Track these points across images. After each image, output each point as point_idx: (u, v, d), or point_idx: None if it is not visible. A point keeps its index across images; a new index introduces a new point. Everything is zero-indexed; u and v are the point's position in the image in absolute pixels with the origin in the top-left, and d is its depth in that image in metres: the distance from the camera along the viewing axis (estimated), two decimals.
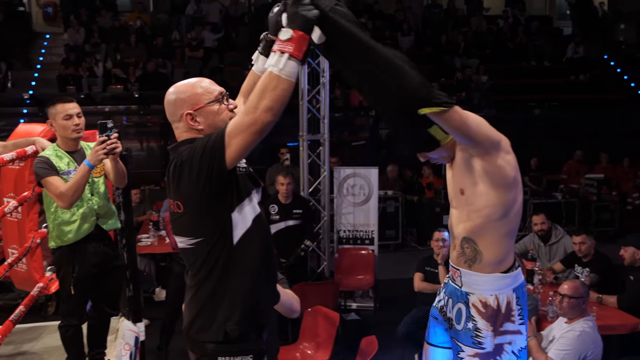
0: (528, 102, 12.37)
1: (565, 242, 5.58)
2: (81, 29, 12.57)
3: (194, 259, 2.11)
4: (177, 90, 2.15)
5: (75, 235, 3.44)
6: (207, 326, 2.07)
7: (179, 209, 2.07)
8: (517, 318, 2.28)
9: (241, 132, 1.88)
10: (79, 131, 3.45)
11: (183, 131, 2.13)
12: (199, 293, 2.10)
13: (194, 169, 1.95)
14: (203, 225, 2.06)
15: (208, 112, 2.09)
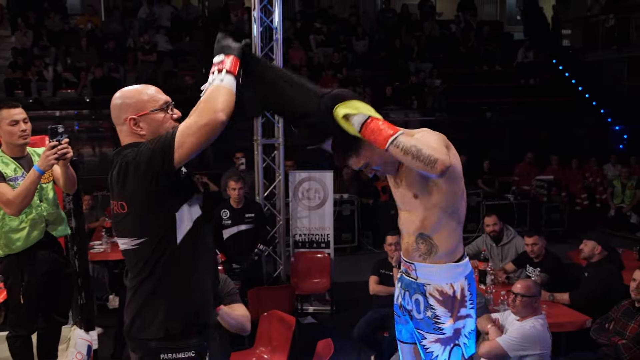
0: (480, 106, 12.64)
1: (517, 242, 5.71)
2: (29, 31, 12.25)
3: (135, 260, 2.14)
4: (124, 94, 2.20)
5: (24, 243, 3.36)
6: (148, 324, 2.10)
7: (122, 209, 2.10)
8: (468, 303, 2.45)
9: (195, 132, 1.95)
10: (25, 137, 3.38)
11: (126, 135, 2.19)
12: (139, 292, 2.13)
13: (141, 167, 2.01)
14: (147, 224, 2.09)
15: (152, 120, 2.15)
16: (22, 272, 3.37)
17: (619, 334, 4.07)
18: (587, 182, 10.84)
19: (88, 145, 11.33)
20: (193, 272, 2.13)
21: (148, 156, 1.99)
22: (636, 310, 4.09)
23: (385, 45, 13.49)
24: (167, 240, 2.08)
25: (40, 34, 12.30)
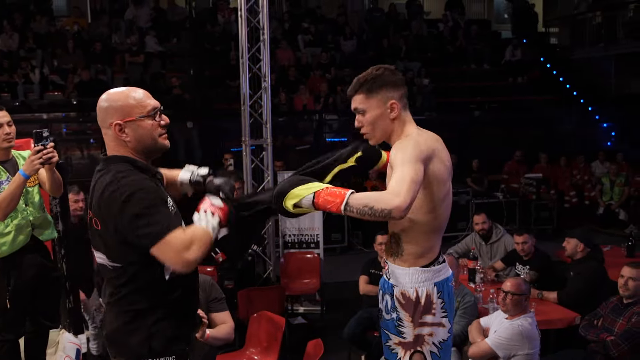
0: (469, 104, 12.68)
1: (506, 240, 5.73)
2: (15, 34, 12.15)
3: (114, 278, 2.12)
4: (110, 97, 2.13)
5: (10, 247, 3.33)
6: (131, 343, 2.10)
7: (97, 225, 2.06)
8: (438, 311, 2.38)
9: (167, 255, 1.97)
10: (9, 140, 3.35)
11: (111, 140, 2.13)
12: (119, 310, 2.13)
13: (118, 219, 1.98)
14: (122, 255, 2.07)
15: (138, 127, 2.09)
16: (9, 276, 3.34)
17: (608, 331, 4.09)
18: (575, 179, 10.90)
19: (76, 148, 11.25)
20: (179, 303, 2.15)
21: (127, 224, 1.97)
22: (624, 307, 4.11)
23: (373, 45, 13.50)
24: (152, 275, 2.07)
25: (27, 36, 12.20)
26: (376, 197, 2.07)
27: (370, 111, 2.39)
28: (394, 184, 2.11)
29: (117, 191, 1.98)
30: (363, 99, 2.40)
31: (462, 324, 4.38)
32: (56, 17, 13.60)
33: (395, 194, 2.06)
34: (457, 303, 4.48)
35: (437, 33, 14.44)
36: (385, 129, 2.40)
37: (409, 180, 2.11)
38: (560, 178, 10.79)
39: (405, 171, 2.14)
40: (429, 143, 2.33)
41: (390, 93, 2.37)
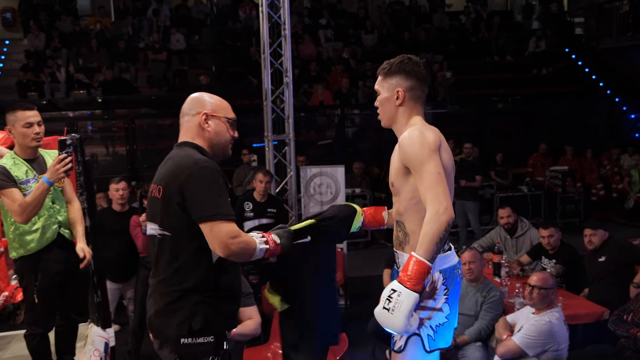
0: (491, 97, 12.55)
1: (531, 234, 5.67)
2: (41, 34, 12.34)
3: (161, 249, 2.27)
4: (205, 94, 2.43)
5: (37, 244, 3.39)
6: (173, 322, 2.22)
7: (158, 194, 2.25)
8: (440, 297, 2.42)
9: (217, 236, 2.15)
10: (38, 140, 3.40)
11: (192, 126, 2.36)
12: (163, 288, 2.25)
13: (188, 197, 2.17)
14: (174, 222, 2.23)
15: (219, 125, 2.37)
16: (36, 272, 3.39)
17: (638, 326, 4.02)
18: (603, 171, 10.74)
19: (101, 145, 11.40)
20: (224, 286, 2.29)
21: (198, 186, 2.16)
22: None
23: (395, 39, 13.44)
24: (201, 249, 2.21)
25: (52, 36, 12.38)
26: (429, 228, 2.22)
27: (382, 93, 2.52)
28: (427, 196, 2.26)
29: (192, 160, 2.21)
30: (380, 81, 2.53)
31: (488, 318, 4.35)
32: (80, 16, 13.77)
33: (436, 212, 2.23)
34: (483, 298, 4.45)
35: (459, 25, 14.32)
36: (390, 113, 2.51)
37: (436, 183, 2.26)
38: (587, 171, 10.64)
39: (429, 174, 2.28)
40: (435, 132, 2.40)
41: (402, 81, 2.47)
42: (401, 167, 2.41)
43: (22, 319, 5.89)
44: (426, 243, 2.22)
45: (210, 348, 2.23)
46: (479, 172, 8.32)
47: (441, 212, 2.22)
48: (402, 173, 2.42)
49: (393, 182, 2.50)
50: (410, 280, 2.20)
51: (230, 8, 13.75)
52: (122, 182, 5.24)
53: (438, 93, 11.95)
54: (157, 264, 2.30)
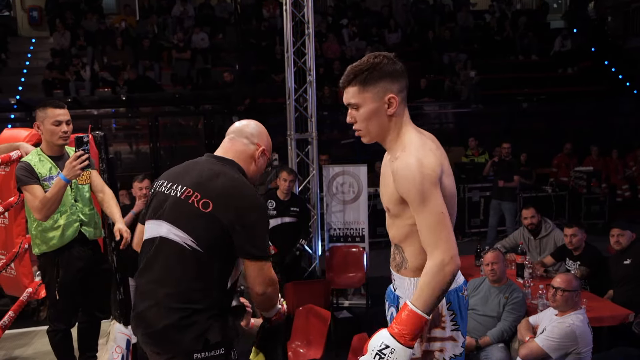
0: (516, 97, 12.42)
1: (555, 235, 5.60)
2: (67, 32, 12.50)
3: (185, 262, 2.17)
4: (264, 130, 2.47)
5: (59, 241, 3.41)
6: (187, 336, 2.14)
7: (204, 208, 2.17)
8: (448, 324, 2.17)
9: (260, 277, 2.21)
10: (65, 138, 3.42)
11: (244, 150, 2.37)
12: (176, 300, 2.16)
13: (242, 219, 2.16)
14: (213, 244, 2.17)
15: (264, 164, 2.44)
16: (58, 268, 3.41)
17: None
18: (628, 172, 10.56)
19: (125, 142, 11.51)
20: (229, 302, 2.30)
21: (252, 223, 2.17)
22: None
23: (419, 37, 13.37)
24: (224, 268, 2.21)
25: (78, 35, 12.53)
26: (429, 281, 1.98)
27: (365, 105, 2.12)
28: (429, 240, 2.01)
29: (251, 190, 2.25)
30: (357, 92, 2.11)
31: (510, 319, 4.31)
32: (106, 14, 13.92)
33: (441, 262, 1.98)
34: (505, 299, 4.41)
35: (483, 24, 14.20)
36: (382, 126, 2.13)
37: (438, 225, 2.00)
38: (612, 171, 10.48)
39: (430, 214, 2.00)
40: (434, 156, 2.07)
41: (389, 85, 2.09)
42: (398, 196, 2.11)
43: (45, 315, 5.99)
44: (426, 295, 1.97)
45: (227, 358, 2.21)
46: (517, 172, 8.25)
47: (446, 262, 1.97)
48: (399, 201, 2.12)
49: (389, 207, 2.21)
50: (404, 336, 1.97)
51: (254, 7, 13.79)
52: (146, 180, 5.28)
53: (462, 92, 11.86)
54: (166, 274, 2.18)
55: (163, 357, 2.20)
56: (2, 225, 3.96)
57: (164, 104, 11.34)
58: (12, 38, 13.56)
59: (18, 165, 3.34)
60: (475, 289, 4.61)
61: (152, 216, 2.29)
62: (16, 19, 14.45)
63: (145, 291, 2.22)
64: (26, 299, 4.10)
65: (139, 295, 2.26)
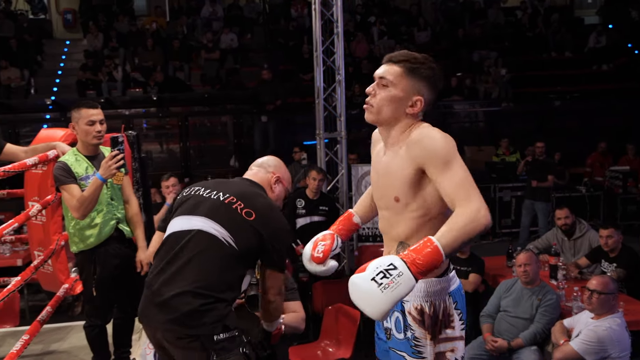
0: (548, 94, 12.22)
1: (590, 236, 5.50)
2: (99, 34, 12.69)
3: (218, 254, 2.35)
4: (282, 164, 2.78)
5: (96, 239, 3.46)
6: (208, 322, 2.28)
7: (249, 216, 2.42)
8: (457, 323, 2.12)
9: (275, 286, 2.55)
10: (99, 138, 3.48)
11: (263, 178, 2.67)
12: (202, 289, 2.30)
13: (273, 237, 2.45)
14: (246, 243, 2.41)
15: (282, 192, 2.73)
16: (95, 265, 3.47)
17: None
18: None
19: (156, 142, 11.66)
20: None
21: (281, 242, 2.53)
22: None
23: (448, 35, 13.25)
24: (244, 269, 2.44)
25: (110, 36, 12.72)
26: (461, 225, 1.87)
27: (394, 89, 2.10)
28: (460, 194, 1.91)
29: (285, 222, 2.56)
30: (398, 73, 2.10)
31: (544, 322, 4.25)
32: (137, 16, 14.10)
33: (475, 209, 1.88)
34: (538, 301, 4.34)
35: (514, 21, 14.01)
36: (395, 116, 2.12)
37: (469, 181, 1.93)
38: None
39: (459, 171, 1.94)
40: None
41: (425, 90, 2.10)
42: (412, 175, 2.04)
43: (80, 311, 6.11)
44: (453, 236, 1.85)
45: (240, 340, 2.36)
46: (552, 171, 8.13)
47: (483, 212, 1.87)
48: (413, 183, 2.05)
49: (398, 196, 2.10)
50: (418, 266, 1.80)
51: (282, 7, 13.83)
52: (172, 179, 5.37)
53: (492, 90, 11.73)
54: (198, 262, 2.31)
55: (186, 340, 2.27)
56: (39, 222, 4.04)
57: (193, 104, 11.45)
58: (47, 40, 13.79)
59: (55, 165, 3.41)
60: (508, 290, 4.55)
61: (186, 212, 2.45)
62: (51, 22, 14.72)
63: (170, 279, 2.30)
64: (63, 294, 4.18)
65: (163, 283, 2.31)
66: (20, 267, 5.80)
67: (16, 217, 3.50)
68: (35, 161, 3.45)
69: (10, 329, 4.72)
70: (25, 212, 3.67)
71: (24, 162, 3.35)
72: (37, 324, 3.79)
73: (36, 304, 6.05)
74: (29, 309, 6.05)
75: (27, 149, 3.74)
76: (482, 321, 4.57)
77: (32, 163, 3.42)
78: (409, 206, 2.09)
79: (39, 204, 3.76)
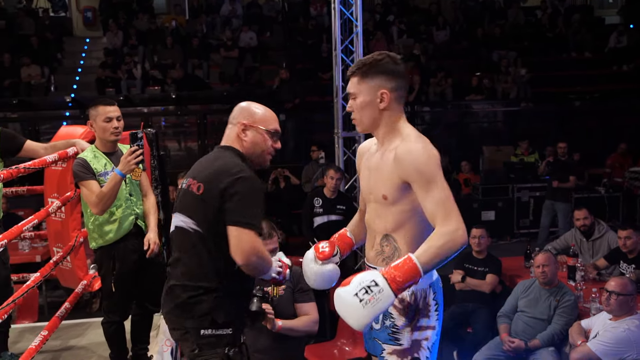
0: (568, 95, 12.10)
1: (609, 237, 5.45)
2: (119, 32, 12.79)
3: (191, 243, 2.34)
4: (251, 104, 2.51)
5: (115, 234, 3.49)
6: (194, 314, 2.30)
7: (197, 191, 2.33)
8: (432, 313, 2.24)
9: (240, 244, 2.23)
10: (117, 134, 3.51)
11: (231, 133, 2.46)
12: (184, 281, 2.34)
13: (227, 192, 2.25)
14: (206, 219, 2.30)
15: (257, 135, 2.43)
16: (114, 261, 3.50)
17: None
18: None
19: (174, 140, 11.73)
20: (240, 283, 2.38)
21: (235, 193, 2.24)
22: None
23: (467, 35, 13.18)
24: (224, 247, 2.27)
25: (129, 34, 12.81)
26: (440, 244, 2.01)
27: (360, 97, 2.27)
28: (440, 212, 2.05)
29: (237, 167, 2.30)
30: (356, 83, 2.27)
31: (561, 323, 4.22)
32: (157, 14, 14.18)
33: (453, 229, 2.02)
34: (556, 302, 4.32)
35: (534, 21, 13.89)
36: (373, 118, 2.27)
37: (448, 200, 2.07)
38: None
39: (440, 190, 2.08)
40: (432, 145, 2.18)
41: (384, 82, 2.23)
42: (398, 182, 2.17)
43: (98, 307, 6.17)
44: (432, 255, 2.00)
45: (228, 340, 2.32)
46: (573, 172, 8.07)
47: (460, 233, 2.02)
48: (400, 187, 2.18)
49: (386, 194, 2.22)
50: (398, 283, 1.98)
51: (301, 5, 13.84)
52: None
53: (511, 90, 11.65)
54: (181, 257, 2.38)
55: (179, 332, 2.38)
56: (59, 219, 4.08)
57: (212, 102, 11.50)
58: (67, 38, 13.94)
59: (75, 162, 3.45)
60: (525, 291, 4.53)
61: (174, 211, 2.51)
62: (71, 20, 14.87)
63: (169, 272, 2.44)
64: (81, 291, 4.22)
65: (167, 279, 2.46)
66: (39, 263, 5.86)
67: (36, 214, 3.53)
68: (55, 158, 3.49)
69: (29, 324, 4.78)
70: (45, 209, 3.72)
71: (44, 159, 3.39)
72: (56, 319, 3.83)
73: (55, 300, 6.13)
74: (48, 305, 6.12)
75: (47, 145, 3.79)
76: (499, 321, 4.55)
77: (52, 160, 3.46)
78: (396, 203, 2.22)
79: (59, 201, 3.80)
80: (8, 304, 3.10)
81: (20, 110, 10.89)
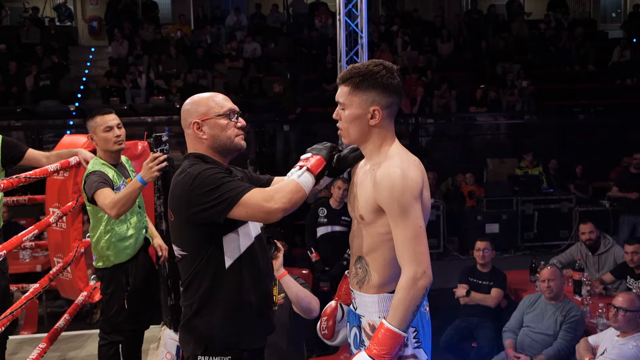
0: (572, 108, 12.08)
1: (615, 252, 5.41)
2: (124, 41, 12.82)
3: (183, 272, 2.26)
4: (192, 100, 2.31)
5: (133, 249, 3.36)
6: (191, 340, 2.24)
7: (171, 217, 2.22)
8: (410, 341, 2.09)
9: (253, 208, 2.07)
10: (120, 142, 3.36)
11: (190, 139, 2.29)
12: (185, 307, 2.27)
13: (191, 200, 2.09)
14: (189, 241, 2.20)
15: (214, 125, 2.24)
16: (127, 276, 3.35)
17: None
18: None
19: (178, 149, 11.69)
20: (239, 295, 2.21)
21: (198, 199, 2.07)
22: None
23: (471, 47, 13.19)
24: (214, 266, 2.18)
25: (135, 43, 12.85)
26: (404, 297, 1.98)
27: (350, 108, 2.12)
28: (405, 254, 2.00)
29: (185, 177, 2.13)
30: (347, 93, 2.12)
31: (568, 338, 4.17)
32: (162, 24, 14.23)
33: (414, 276, 1.98)
34: (562, 317, 4.27)
35: (538, 34, 13.91)
36: (362, 133, 2.14)
37: (415, 239, 2.00)
38: None
39: (408, 227, 2.00)
40: (417, 169, 2.08)
41: (378, 97, 2.08)
42: (374, 205, 2.08)
43: (98, 318, 6.11)
44: (401, 312, 1.96)
45: None
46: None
47: (419, 276, 1.97)
48: (375, 210, 2.09)
49: (363, 214, 2.13)
50: (383, 357, 1.95)
51: (306, 17, 13.87)
52: None
53: (515, 103, 11.63)
54: (182, 283, 2.31)
55: (186, 355, 2.32)
56: (59, 229, 4.05)
57: None
58: (73, 47, 13.98)
59: (91, 177, 3.24)
60: (531, 305, 4.48)
61: None
62: (77, 29, 14.93)
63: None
64: (81, 302, 4.18)
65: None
66: (39, 273, 5.84)
67: (36, 224, 3.47)
68: (57, 167, 3.44)
69: (28, 335, 4.73)
70: (46, 219, 3.67)
71: (46, 169, 3.33)
72: (55, 331, 3.79)
73: (55, 310, 6.09)
74: (48, 315, 6.09)
75: (49, 154, 3.71)
76: (504, 336, 4.51)
77: (54, 169, 3.41)
78: (371, 225, 2.13)
79: (60, 211, 3.77)
80: (6, 316, 3.03)
81: (25, 119, 10.89)
